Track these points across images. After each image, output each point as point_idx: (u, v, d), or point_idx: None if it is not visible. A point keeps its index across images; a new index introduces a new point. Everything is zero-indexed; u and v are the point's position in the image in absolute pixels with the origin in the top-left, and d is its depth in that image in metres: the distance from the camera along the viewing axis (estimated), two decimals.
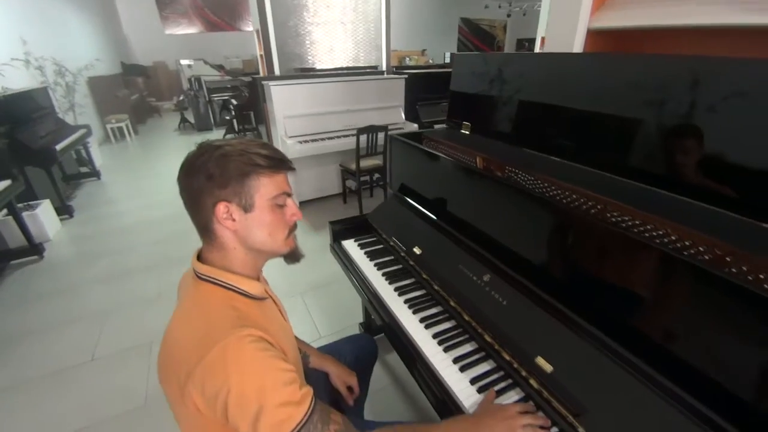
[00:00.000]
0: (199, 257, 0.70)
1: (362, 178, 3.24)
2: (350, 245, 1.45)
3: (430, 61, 8.65)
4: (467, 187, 1.15)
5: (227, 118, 6.54)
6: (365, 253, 1.39)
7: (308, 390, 0.61)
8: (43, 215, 2.94)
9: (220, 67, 8.23)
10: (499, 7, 10.32)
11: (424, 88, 4.13)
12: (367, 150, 3.11)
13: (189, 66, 8.09)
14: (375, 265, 1.31)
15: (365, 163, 3.16)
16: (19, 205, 2.73)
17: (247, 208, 0.66)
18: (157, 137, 6.70)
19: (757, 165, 0.72)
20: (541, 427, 0.74)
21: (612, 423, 0.67)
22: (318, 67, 5.02)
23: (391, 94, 3.65)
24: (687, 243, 0.72)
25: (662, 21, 0.93)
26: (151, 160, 5.26)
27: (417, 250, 1.21)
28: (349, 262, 1.39)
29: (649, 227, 0.78)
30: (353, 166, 3.14)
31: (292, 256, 0.76)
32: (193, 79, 7.11)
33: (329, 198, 3.70)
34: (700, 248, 0.70)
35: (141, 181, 4.36)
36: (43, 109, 3.62)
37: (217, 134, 6.64)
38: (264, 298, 0.74)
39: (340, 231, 1.52)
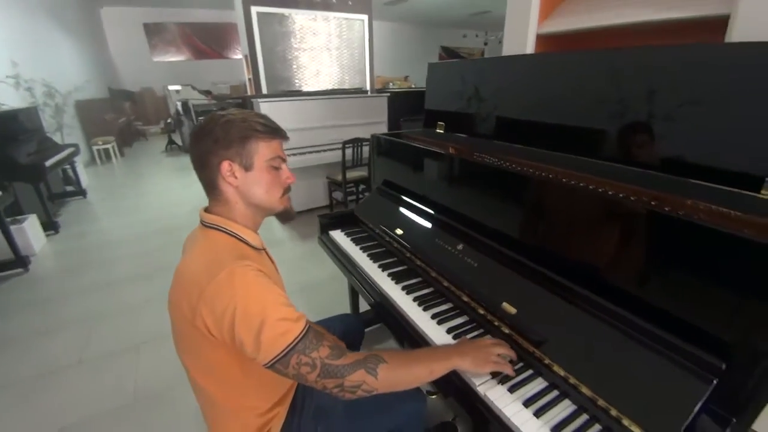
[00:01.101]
0: (206, 211, 0.80)
1: (348, 189, 3.36)
2: (337, 234, 1.55)
3: (413, 86, 9.06)
4: (440, 173, 1.28)
5: None
6: (351, 240, 1.49)
7: (303, 314, 0.71)
8: (30, 229, 2.94)
9: (207, 93, 8.42)
10: (477, 36, 11.00)
11: (406, 106, 4.36)
12: (352, 162, 3.25)
13: (177, 91, 8.26)
14: (361, 248, 1.41)
15: (351, 174, 3.30)
16: (7, 219, 2.75)
17: (247, 168, 0.76)
18: (144, 159, 6.74)
19: (673, 130, 0.88)
20: (510, 361, 0.84)
21: (566, 346, 0.78)
22: (305, 89, 5.25)
23: (374, 112, 3.85)
24: (621, 195, 0.86)
25: (594, 23, 1.12)
26: (137, 180, 5.29)
27: (399, 231, 1.32)
28: (337, 249, 1.49)
29: (591, 187, 0.92)
30: (340, 178, 3.27)
31: (286, 215, 0.87)
32: (180, 103, 7.25)
33: (317, 210, 3.81)
34: (632, 198, 0.84)
35: (127, 200, 4.39)
36: (33, 128, 3.68)
37: None
38: (261, 250, 0.84)
39: (328, 223, 1.63)
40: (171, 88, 8.30)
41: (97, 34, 8.03)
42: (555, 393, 0.79)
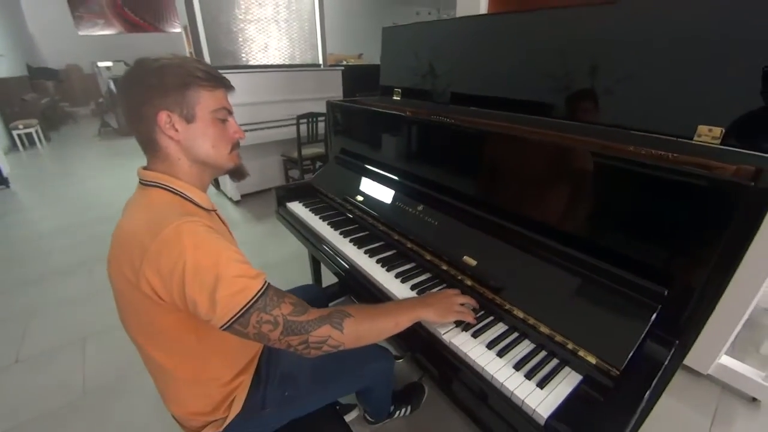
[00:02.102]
0: (145, 169, 0.72)
1: (305, 167, 3.26)
2: (295, 206, 1.50)
3: None
4: (398, 136, 1.26)
5: None
6: (311, 210, 1.44)
7: (262, 271, 0.67)
8: None
9: None
10: (429, 13, 10.90)
11: (361, 81, 4.25)
12: (308, 138, 3.15)
13: (108, 68, 7.49)
14: (321, 218, 1.38)
15: (307, 151, 3.20)
16: None
17: (189, 119, 0.69)
18: (74, 144, 6.12)
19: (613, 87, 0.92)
20: (473, 309, 0.86)
21: (524, 291, 0.81)
22: (252, 64, 4.95)
23: (328, 86, 3.73)
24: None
25: None
26: (68, 168, 4.80)
27: (359, 198, 1.30)
28: (296, 221, 1.44)
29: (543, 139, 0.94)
30: (295, 155, 3.16)
31: (238, 173, 0.81)
32: (112, 81, 6.59)
33: (272, 190, 3.67)
34: (579, 144, 0.87)
35: (57, 189, 3.97)
36: None
37: None
38: (212, 211, 0.78)
39: (285, 195, 1.57)
40: (101, 64, 7.52)
41: (9, 3, 7.02)
42: (515, 334, 0.82)
